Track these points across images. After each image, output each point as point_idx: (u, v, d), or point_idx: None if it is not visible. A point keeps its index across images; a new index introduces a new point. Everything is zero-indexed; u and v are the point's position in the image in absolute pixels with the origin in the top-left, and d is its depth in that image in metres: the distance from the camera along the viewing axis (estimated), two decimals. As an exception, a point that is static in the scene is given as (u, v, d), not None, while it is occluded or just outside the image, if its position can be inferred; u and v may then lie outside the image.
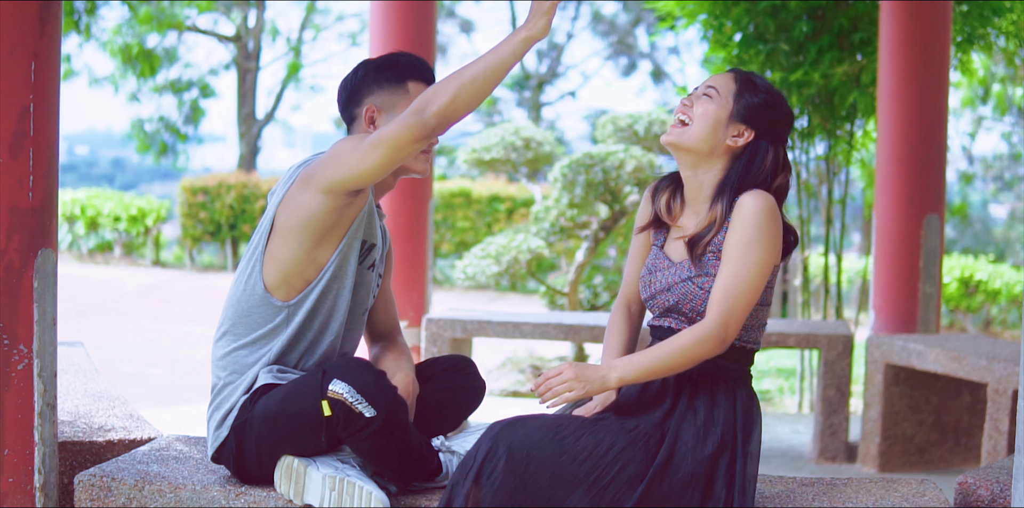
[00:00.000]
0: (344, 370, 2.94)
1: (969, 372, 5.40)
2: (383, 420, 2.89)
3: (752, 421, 2.98)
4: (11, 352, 3.15)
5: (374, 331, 3.45)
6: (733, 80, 3.04)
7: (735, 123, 3.00)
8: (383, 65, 3.26)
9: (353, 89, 3.27)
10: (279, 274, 3.12)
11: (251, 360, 3.13)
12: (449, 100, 2.90)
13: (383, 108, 3.22)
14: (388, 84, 3.23)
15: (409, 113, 2.93)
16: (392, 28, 6.95)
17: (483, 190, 18.92)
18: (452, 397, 3.34)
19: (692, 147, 3.01)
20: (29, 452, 3.19)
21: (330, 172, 3.02)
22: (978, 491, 3.30)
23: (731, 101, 3.01)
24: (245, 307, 3.15)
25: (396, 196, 6.88)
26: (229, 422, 3.10)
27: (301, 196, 3.07)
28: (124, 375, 9.34)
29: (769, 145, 3.02)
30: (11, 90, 3.10)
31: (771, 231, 2.91)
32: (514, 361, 9.33)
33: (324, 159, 3.06)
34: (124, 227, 19.45)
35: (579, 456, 2.80)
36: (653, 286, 3.07)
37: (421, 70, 3.28)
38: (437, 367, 3.39)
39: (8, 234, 3.13)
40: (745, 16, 7.77)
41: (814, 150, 8.30)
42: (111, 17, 20.79)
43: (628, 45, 30.50)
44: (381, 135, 2.95)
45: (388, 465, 3.01)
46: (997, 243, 25.30)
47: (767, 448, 6.36)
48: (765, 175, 3.01)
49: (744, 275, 2.89)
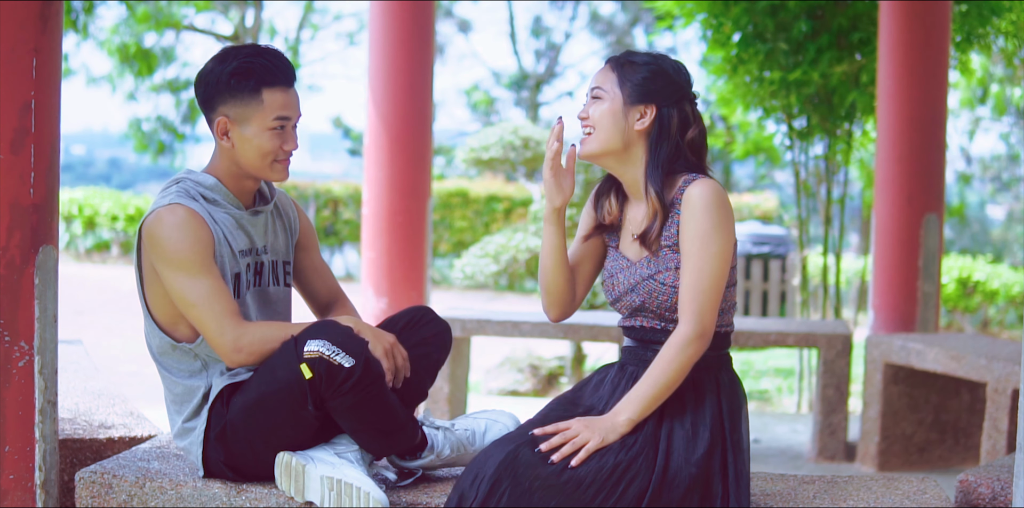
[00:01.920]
0: (313, 330, 2.94)
1: (968, 371, 5.40)
2: (362, 368, 2.89)
3: (737, 406, 2.97)
4: (12, 349, 3.15)
5: (318, 303, 3.41)
6: (611, 70, 3.01)
7: (632, 107, 2.97)
8: (236, 72, 3.06)
9: (206, 91, 3.11)
10: (168, 316, 3.11)
11: (194, 385, 3.14)
12: (256, 360, 3.01)
13: (235, 120, 3.09)
14: (240, 94, 3.07)
15: (224, 341, 2.99)
16: (391, 28, 6.95)
17: (481, 190, 18.93)
18: (421, 351, 3.25)
19: (605, 150, 2.99)
20: (30, 449, 3.19)
21: (159, 264, 3.03)
22: (979, 489, 3.30)
23: (618, 90, 2.97)
24: (156, 347, 3.17)
25: (394, 195, 6.88)
26: (200, 438, 3.08)
27: (149, 257, 3.07)
28: (121, 374, 9.32)
29: (671, 109, 2.98)
30: (13, 86, 3.10)
31: (723, 219, 2.90)
32: (513, 360, 9.33)
33: (158, 245, 3.02)
34: (122, 226, 19.43)
35: (584, 481, 2.76)
36: (617, 289, 3.06)
37: (278, 75, 3.09)
38: (397, 324, 3.30)
39: (9, 230, 3.12)
40: (744, 15, 7.77)
41: (813, 150, 8.30)
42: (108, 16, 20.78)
43: (626, 45, 30.45)
44: (204, 318, 2.99)
45: (372, 429, 2.99)
46: (994, 244, 25.32)
47: (766, 448, 6.37)
48: (675, 138, 2.98)
49: (708, 270, 2.88)
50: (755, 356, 10.58)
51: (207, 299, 2.98)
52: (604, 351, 10.22)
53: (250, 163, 3.12)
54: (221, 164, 3.16)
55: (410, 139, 6.92)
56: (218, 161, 3.17)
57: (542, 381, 9.18)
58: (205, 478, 3.11)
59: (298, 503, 3.00)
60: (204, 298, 2.98)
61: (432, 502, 3.02)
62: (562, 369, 9.27)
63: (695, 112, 3.03)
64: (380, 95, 6.88)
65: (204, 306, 2.98)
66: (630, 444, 2.85)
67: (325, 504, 2.92)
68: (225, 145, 3.12)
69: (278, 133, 3.11)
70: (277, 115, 3.10)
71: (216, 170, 3.17)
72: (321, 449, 3.02)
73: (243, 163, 3.13)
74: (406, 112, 6.87)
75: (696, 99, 3.04)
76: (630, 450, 2.83)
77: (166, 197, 3.06)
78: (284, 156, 3.15)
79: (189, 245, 2.98)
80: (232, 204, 3.15)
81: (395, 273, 6.93)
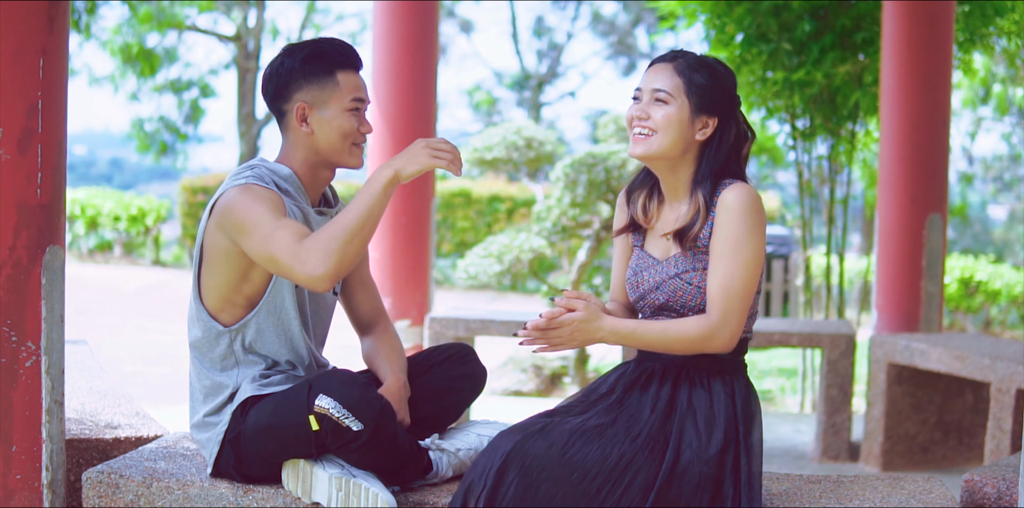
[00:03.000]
0: (329, 384, 2.92)
1: (972, 371, 5.41)
2: (371, 433, 2.88)
3: (752, 412, 2.98)
4: (19, 349, 3.15)
5: (359, 320, 3.42)
6: (676, 74, 2.99)
7: (699, 118, 2.98)
8: (309, 57, 3.12)
9: (279, 83, 3.14)
10: (219, 299, 3.12)
11: (226, 379, 3.14)
12: (337, 262, 2.84)
13: (313, 104, 3.12)
14: (316, 78, 3.11)
15: (293, 260, 2.85)
16: (395, 28, 6.96)
17: (483, 190, 18.93)
18: (454, 385, 3.32)
19: (664, 155, 2.99)
20: (37, 449, 3.19)
21: (236, 232, 2.98)
22: (984, 489, 3.30)
23: (685, 98, 2.97)
24: (198, 331, 3.17)
25: (398, 195, 6.88)
26: (220, 437, 3.09)
27: (219, 236, 3.05)
28: (125, 374, 9.33)
29: (731, 121, 3.01)
30: (20, 87, 3.10)
31: (758, 225, 2.91)
32: (516, 360, 9.34)
33: (235, 215, 2.98)
34: (124, 227, 19.42)
35: (589, 472, 2.78)
36: (641, 286, 3.06)
37: (350, 58, 3.15)
38: (438, 356, 3.37)
39: (16, 231, 3.12)
40: (747, 16, 7.77)
41: (816, 150, 8.30)
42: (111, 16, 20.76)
43: (628, 45, 30.49)
44: (279, 257, 2.88)
45: (378, 469, 3.00)
46: (996, 244, 25.31)
47: (769, 448, 6.36)
48: (734, 151, 3.01)
49: (739, 274, 2.89)
50: (758, 356, 10.57)
51: (286, 246, 2.89)
52: (607, 351, 10.22)
53: (331, 146, 3.14)
54: (297, 154, 3.17)
55: (414, 139, 6.88)
56: (293, 151, 3.17)
57: (545, 381, 9.18)
58: (212, 477, 3.12)
59: (305, 503, 3.00)
60: (283, 247, 2.89)
61: (439, 501, 3.02)
62: (565, 369, 9.27)
63: (748, 123, 3.06)
64: (384, 95, 6.89)
65: (283, 253, 2.88)
66: (635, 436, 2.86)
67: (332, 504, 2.92)
68: (304, 131, 3.13)
69: (355, 114, 3.15)
70: (353, 96, 3.14)
71: (291, 161, 3.17)
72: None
73: (323, 148, 3.14)
74: (410, 112, 6.87)
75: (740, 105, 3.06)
76: (635, 442, 2.85)
77: (240, 179, 3.05)
78: (362, 139, 3.18)
79: (266, 209, 2.95)
80: (303, 198, 3.16)
81: (399, 273, 6.94)
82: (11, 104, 3.09)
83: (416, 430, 3.20)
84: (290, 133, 3.17)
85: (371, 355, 3.35)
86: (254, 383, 3.09)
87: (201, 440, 3.17)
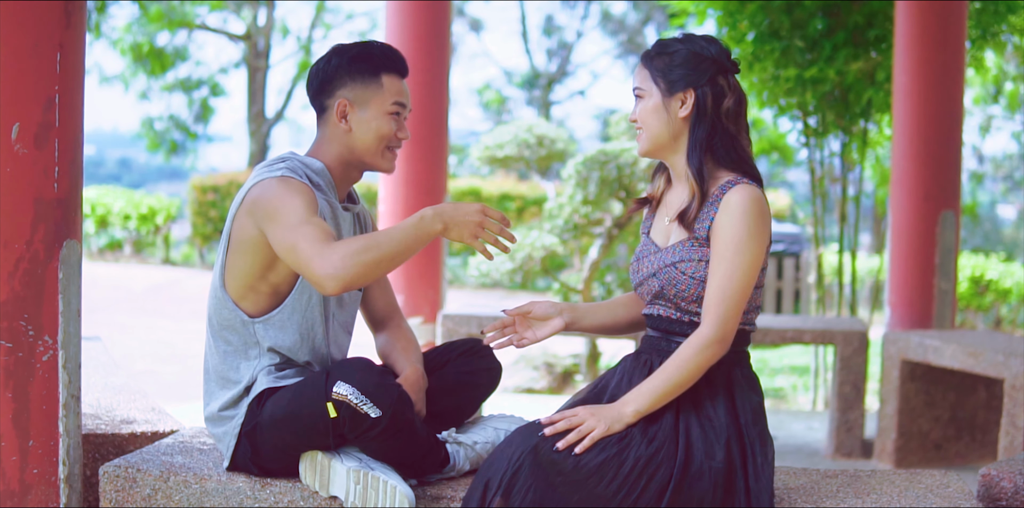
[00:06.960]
0: (347, 371, 2.92)
1: (986, 368, 5.40)
2: (389, 420, 2.88)
3: (753, 403, 2.97)
4: (36, 343, 3.16)
5: (374, 316, 3.44)
6: (643, 67, 3.03)
7: (671, 98, 2.99)
8: (357, 56, 3.17)
9: (324, 79, 3.19)
10: (242, 287, 3.12)
11: (243, 370, 3.14)
12: (357, 271, 2.82)
13: (355, 102, 3.15)
14: (361, 77, 3.16)
15: (314, 254, 2.83)
16: (407, 27, 6.96)
17: (493, 189, 18.92)
18: (469, 380, 3.33)
19: (656, 145, 3.02)
20: (53, 443, 3.19)
21: (266, 220, 2.98)
22: (1001, 483, 3.29)
23: (653, 85, 3.00)
24: (220, 320, 3.17)
25: (411, 193, 6.89)
26: (236, 430, 3.10)
27: (248, 223, 3.05)
28: (136, 372, 9.35)
29: (704, 87, 2.98)
30: (37, 81, 3.11)
31: (760, 227, 2.90)
32: (528, 358, 9.34)
33: (269, 203, 2.98)
34: (134, 226, 19.46)
35: (606, 475, 2.77)
36: (640, 273, 3.08)
37: (396, 63, 3.20)
38: (453, 352, 3.38)
39: (33, 225, 3.13)
40: (759, 13, 7.76)
41: (828, 147, 8.29)
42: (121, 15, 20.86)
43: (638, 44, 30.49)
44: (302, 247, 2.86)
45: (394, 460, 3.00)
46: (1006, 243, 25.27)
47: (782, 445, 6.36)
48: (711, 115, 2.98)
49: (737, 276, 2.88)
50: (770, 354, 10.57)
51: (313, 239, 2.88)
52: (619, 348, 10.22)
53: (366, 147, 3.17)
54: (332, 150, 3.19)
55: (426, 137, 6.93)
56: (328, 147, 3.19)
57: (557, 379, 9.18)
58: (229, 472, 3.12)
59: (322, 497, 3.00)
60: (310, 239, 2.88)
61: (457, 495, 3.02)
62: (577, 367, 9.28)
63: (730, 82, 3.01)
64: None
65: (307, 245, 2.87)
66: (651, 436, 2.85)
67: (350, 498, 2.92)
68: (342, 128, 3.16)
69: (395, 118, 3.18)
70: (395, 100, 3.17)
71: (325, 156, 3.19)
72: (347, 445, 3.03)
73: (358, 147, 3.17)
74: (422, 111, 6.87)
75: (735, 68, 3.03)
76: (651, 443, 2.83)
77: (274, 172, 3.06)
78: (397, 144, 3.21)
79: (301, 202, 2.96)
80: (332, 193, 3.18)
81: (412, 270, 6.94)
82: (28, 98, 3.10)
83: (433, 424, 3.20)
84: (328, 129, 3.19)
85: (387, 349, 3.35)
86: (270, 375, 3.10)
87: (217, 434, 3.17)
